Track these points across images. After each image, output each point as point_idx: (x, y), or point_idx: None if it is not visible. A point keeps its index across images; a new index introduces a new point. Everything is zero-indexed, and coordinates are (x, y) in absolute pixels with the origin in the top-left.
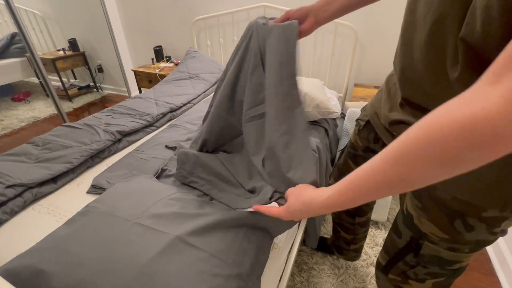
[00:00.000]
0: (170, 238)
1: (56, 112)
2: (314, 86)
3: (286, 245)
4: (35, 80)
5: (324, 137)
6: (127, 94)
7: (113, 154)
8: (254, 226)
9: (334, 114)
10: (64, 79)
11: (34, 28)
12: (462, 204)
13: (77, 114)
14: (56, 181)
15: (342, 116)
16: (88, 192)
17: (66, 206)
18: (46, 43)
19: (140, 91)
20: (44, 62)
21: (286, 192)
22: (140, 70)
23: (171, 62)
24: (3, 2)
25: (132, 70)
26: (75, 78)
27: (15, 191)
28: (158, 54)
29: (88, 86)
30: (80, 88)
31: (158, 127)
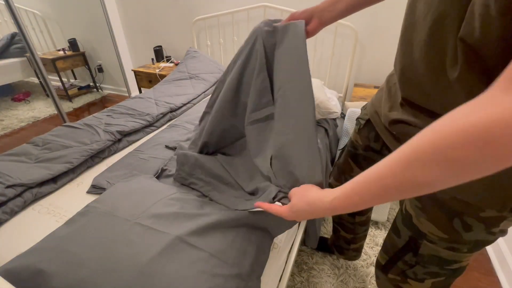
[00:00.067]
0: (170, 238)
1: (56, 112)
2: (314, 86)
3: (286, 245)
4: (35, 80)
5: (324, 137)
6: (127, 94)
7: (113, 154)
8: (254, 226)
9: (334, 114)
10: (64, 79)
11: (34, 28)
12: (461, 203)
13: (77, 114)
14: (56, 181)
15: (342, 116)
16: (88, 192)
17: (66, 206)
18: (46, 43)
19: (140, 91)
20: (44, 62)
21: (290, 192)
22: (140, 70)
23: (171, 62)
24: (3, 2)
25: (132, 70)
26: (75, 78)
27: (15, 191)
28: (158, 54)
29: (88, 86)
30: (80, 88)
31: (158, 127)
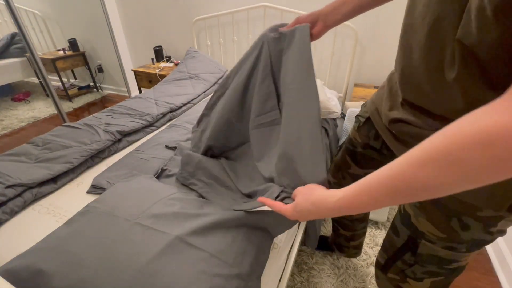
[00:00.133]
0: (170, 238)
1: (56, 112)
2: None
3: (286, 245)
4: (35, 80)
5: (324, 137)
6: (127, 94)
7: (113, 154)
8: (254, 226)
9: (334, 114)
10: (64, 79)
11: (34, 28)
12: (459, 203)
13: (77, 114)
14: (56, 181)
15: (342, 116)
16: (88, 192)
17: (66, 206)
18: (46, 43)
19: (140, 91)
20: (44, 62)
21: (295, 191)
22: (140, 70)
23: (171, 62)
24: (3, 2)
25: (132, 70)
26: (75, 78)
27: (15, 191)
28: (158, 54)
29: (88, 86)
30: (80, 88)
31: (158, 127)
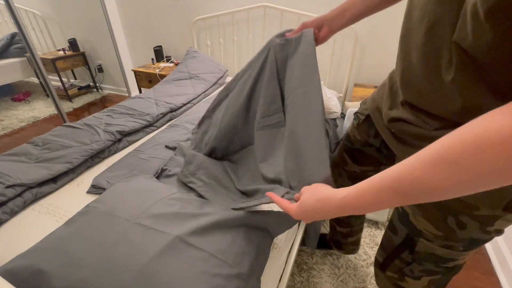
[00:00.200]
0: (170, 238)
1: (56, 112)
2: None
3: (286, 245)
4: (35, 80)
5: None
6: (127, 94)
7: (113, 154)
8: (254, 226)
9: (334, 114)
10: (64, 79)
11: (34, 28)
12: (456, 202)
13: (77, 114)
14: (56, 181)
15: (342, 116)
16: (88, 192)
17: (66, 206)
18: (46, 43)
19: (140, 91)
20: (44, 62)
21: (301, 190)
22: (140, 70)
23: (171, 62)
24: (3, 2)
25: (132, 70)
26: (75, 78)
27: (15, 191)
28: (158, 54)
29: (88, 86)
30: (80, 88)
31: (158, 127)
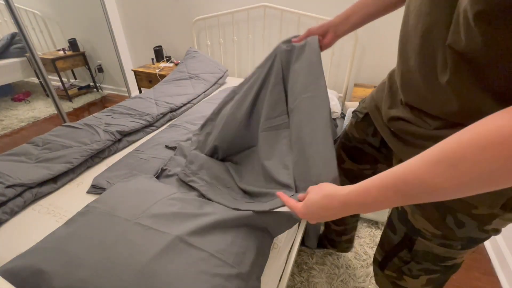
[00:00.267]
0: (170, 238)
1: (56, 112)
2: None
3: (286, 245)
4: (35, 80)
5: None
6: (127, 94)
7: (113, 154)
8: (254, 226)
9: (334, 114)
10: (64, 79)
11: (34, 28)
12: (454, 200)
13: (77, 114)
14: (56, 181)
15: (342, 116)
16: (88, 192)
17: (66, 206)
18: (46, 43)
19: (140, 91)
20: (44, 62)
21: (308, 189)
22: (140, 70)
23: (171, 62)
24: (3, 2)
25: (132, 70)
26: (75, 78)
27: (15, 191)
28: (158, 54)
29: (88, 86)
30: (80, 88)
31: (158, 127)
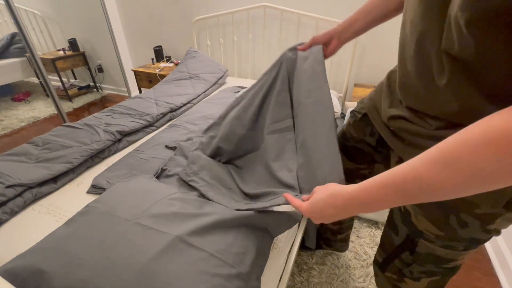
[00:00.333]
0: (170, 238)
1: (56, 112)
2: None
3: (286, 245)
4: (35, 80)
5: None
6: (127, 94)
7: (113, 154)
8: (254, 226)
9: (334, 114)
10: (64, 79)
11: (34, 28)
12: (457, 200)
13: (77, 114)
14: (56, 181)
15: (342, 116)
16: (88, 192)
17: (66, 206)
18: (46, 43)
19: (140, 91)
20: (44, 62)
21: (314, 189)
22: (140, 70)
23: (171, 62)
24: (3, 2)
25: (132, 70)
26: (75, 78)
27: (15, 191)
28: (158, 54)
29: (88, 86)
30: (80, 88)
31: (158, 127)
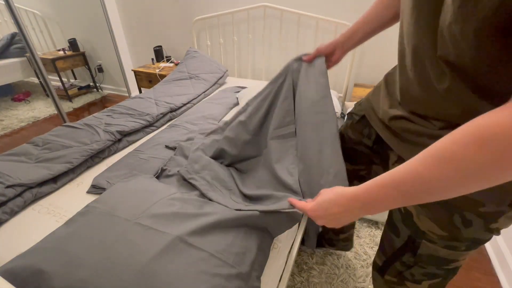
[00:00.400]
0: (170, 238)
1: (56, 112)
2: None
3: (286, 245)
4: (35, 80)
5: None
6: (127, 94)
7: (113, 154)
8: (254, 226)
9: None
10: (64, 79)
11: (34, 28)
12: (461, 199)
13: (77, 114)
14: (56, 181)
15: (342, 116)
16: (88, 192)
17: (66, 206)
18: (46, 43)
19: (140, 91)
20: (44, 62)
21: (320, 192)
22: (140, 70)
23: (171, 62)
24: (3, 2)
25: (132, 70)
26: (75, 78)
27: (15, 191)
28: (158, 54)
29: (88, 86)
30: (80, 88)
31: (158, 127)
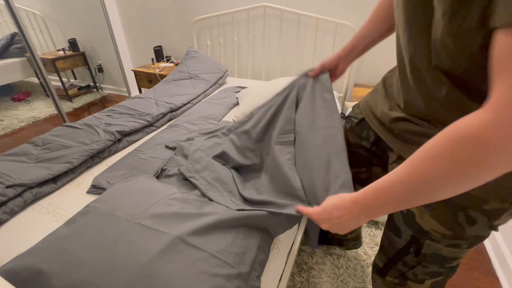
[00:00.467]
0: (170, 238)
1: (56, 112)
2: None
3: (286, 245)
4: (35, 80)
5: None
6: (127, 94)
7: (113, 154)
8: (254, 226)
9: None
10: (64, 79)
11: (34, 28)
12: (465, 197)
13: (77, 114)
14: (56, 181)
15: (342, 116)
16: (88, 192)
17: (66, 206)
18: (46, 43)
19: (140, 91)
20: (44, 62)
21: (326, 198)
22: (140, 70)
23: (171, 62)
24: (3, 2)
25: (132, 70)
26: (75, 78)
27: (15, 191)
28: (158, 54)
29: (88, 86)
30: (80, 88)
31: (158, 127)
